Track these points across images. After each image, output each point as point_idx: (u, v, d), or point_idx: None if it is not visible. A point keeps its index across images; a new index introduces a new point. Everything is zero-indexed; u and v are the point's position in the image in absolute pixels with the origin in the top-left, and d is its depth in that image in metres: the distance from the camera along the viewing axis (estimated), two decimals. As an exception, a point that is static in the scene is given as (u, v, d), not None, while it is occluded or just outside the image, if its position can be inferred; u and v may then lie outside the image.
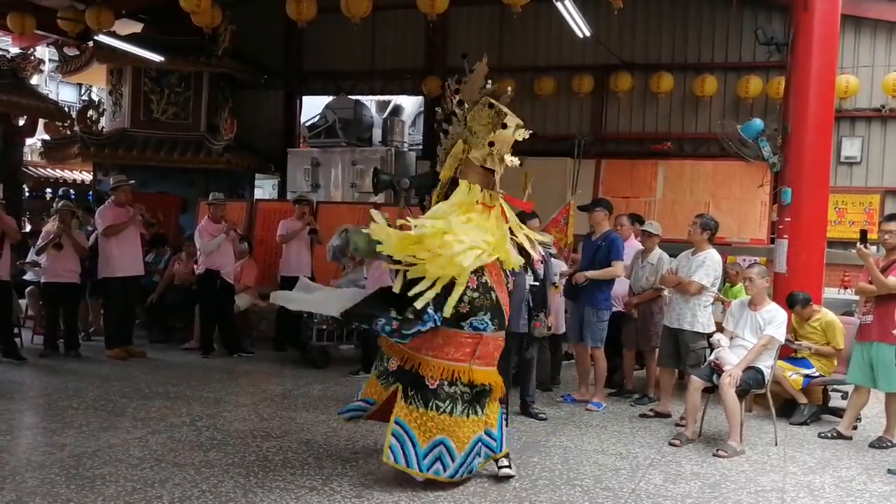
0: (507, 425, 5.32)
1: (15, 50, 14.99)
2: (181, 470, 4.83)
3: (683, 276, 6.50)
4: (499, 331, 4.91)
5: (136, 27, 13.06)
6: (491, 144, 4.90)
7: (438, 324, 4.66)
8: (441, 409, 4.68)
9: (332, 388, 7.43)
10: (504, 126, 4.91)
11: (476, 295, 4.75)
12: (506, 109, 4.91)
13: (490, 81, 4.97)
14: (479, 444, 4.82)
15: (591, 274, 6.89)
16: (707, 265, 6.44)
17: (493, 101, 4.91)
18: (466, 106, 4.99)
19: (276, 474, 4.82)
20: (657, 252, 7.12)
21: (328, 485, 4.68)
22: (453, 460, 4.66)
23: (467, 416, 4.75)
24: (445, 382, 4.72)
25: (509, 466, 4.94)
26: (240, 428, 5.89)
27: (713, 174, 11.36)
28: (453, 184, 5.01)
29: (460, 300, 4.68)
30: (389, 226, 4.70)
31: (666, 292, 7.07)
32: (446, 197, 4.98)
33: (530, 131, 5.04)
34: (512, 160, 4.99)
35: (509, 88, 5.14)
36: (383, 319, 4.64)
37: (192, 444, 5.40)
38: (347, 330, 8.62)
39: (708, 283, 6.42)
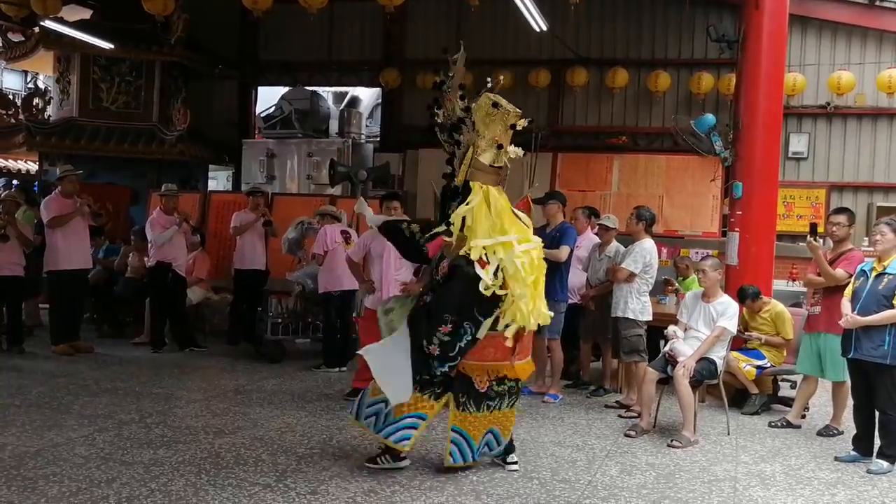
0: None
1: (-44, 35, 14.49)
2: (129, 468, 4.71)
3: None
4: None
5: (85, 13, 12.69)
6: (499, 147, 4.88)
7: (477, 336, 4.69)
8: (492, 408, 4.88)
9: (288, 382, 7.33)
10: (513, 127, 4.92)
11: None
12: (510, 106, 4.88)
13: (490, 78, 4.98)
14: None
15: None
16: (636, 252, 6.61)
17: (496, 100, 4.86)
18: (473, 108, 4.88)
19: (228, 471, 4.74)
20: (614, 245, 7.18)
21: (282, 481, 4.61)
22: (499, 444, 5.00)
23: (510, 408, 5.00)
24: (494, 383, 4.85)
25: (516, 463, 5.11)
26: (191, 424, 5.77)
27: (667, 168, 11.48)
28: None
29: (496, 306, 4.71)
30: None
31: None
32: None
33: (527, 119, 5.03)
34: (516, 151, 4.99)
35: (501, 78, 5.20)
36: (435, 362, 4.69)
37: (141, 442, 5.27)
38: (303, 324, 8.54)
39: (636, 269, 6.56)
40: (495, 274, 4.65)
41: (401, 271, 6.53)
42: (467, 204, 4.79)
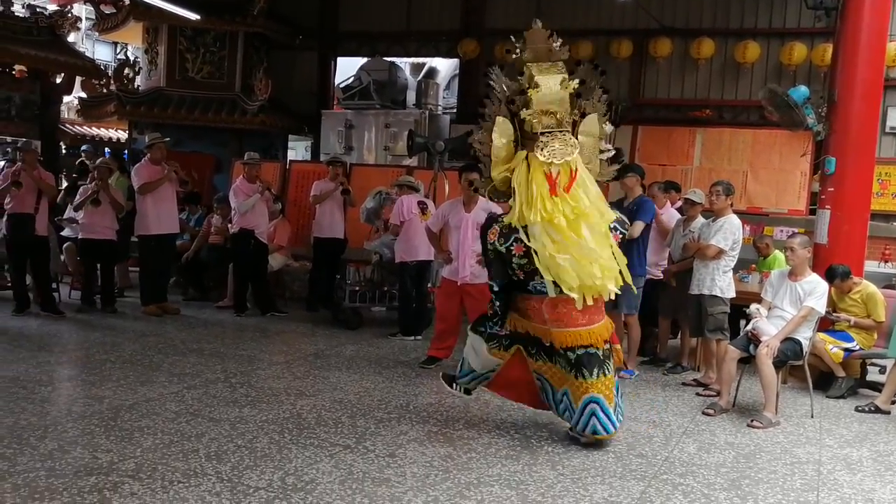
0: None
1: (52, 7, 15.03)
2: (216, 425, 4.89)
3: (703, 242, 6.50)
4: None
5: (173, -15, 13.00)
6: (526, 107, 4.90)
7: (497, 289, 5.03)
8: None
9: (365, 349, 7.46)
10: (537, 86, 4.90)
11: (524, 261, 4.81)
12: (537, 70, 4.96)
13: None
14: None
15: None
16: (725, 229, 6.41)
17: (527, 64, 5.01)
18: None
19: (310, 432, 4.87)
20: (699, 220, 7.00)
21: (362, 443, 4.71)
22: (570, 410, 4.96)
23: (582, 378, 4.83)
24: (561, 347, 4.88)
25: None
26: (273, 386, 5.95)
27: (752, 143, 11.10)
28: None
29: (512, 268, 4.89)
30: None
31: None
32: None
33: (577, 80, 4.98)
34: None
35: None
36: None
37: (227, 401, 5.46)
38: (380, 292, 8.65)
39: (726, 247, 6.38)
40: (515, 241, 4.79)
41: (477, 242, 6.54)
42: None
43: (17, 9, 14.55)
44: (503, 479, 4.27)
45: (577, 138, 4.94)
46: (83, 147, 14.36)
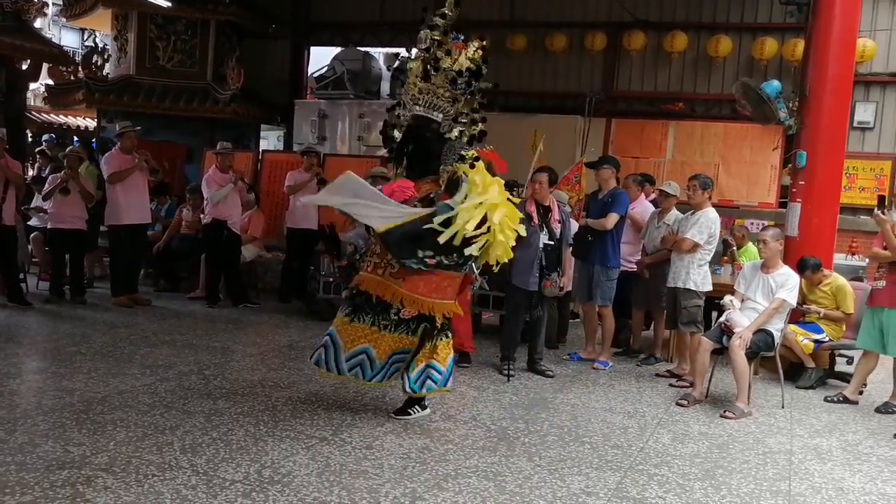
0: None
1: (18, -8, 14.71)
2: (191, 417, 4.84)
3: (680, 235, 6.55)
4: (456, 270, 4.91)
5: (143, -29, 12.81)
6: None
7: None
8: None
9: (339, 340, 7.41)
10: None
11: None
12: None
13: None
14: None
15: (590, 221, 6.97)
16: (701, 222, 6.45)
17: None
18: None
19: (286, 424, 4.83)
20: (674, 213, 7.06)
21: (338, 435, 4.69)
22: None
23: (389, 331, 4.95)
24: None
25: (410, 414, 5.10)
26: (248, 378, 5.90)
27: (724, 136, 11.25)
28: None
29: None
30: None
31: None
32: None
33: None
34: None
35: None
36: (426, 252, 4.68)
37: (201, 393, 5.40)
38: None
39: (701, 241, 6.43)
40: None
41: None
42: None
43: (-18, -7, 14.23)
44: (480, 470, 4.27)
45: None
46: (44, 137, 14.13)
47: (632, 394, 6.19)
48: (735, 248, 8.73)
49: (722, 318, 6.08)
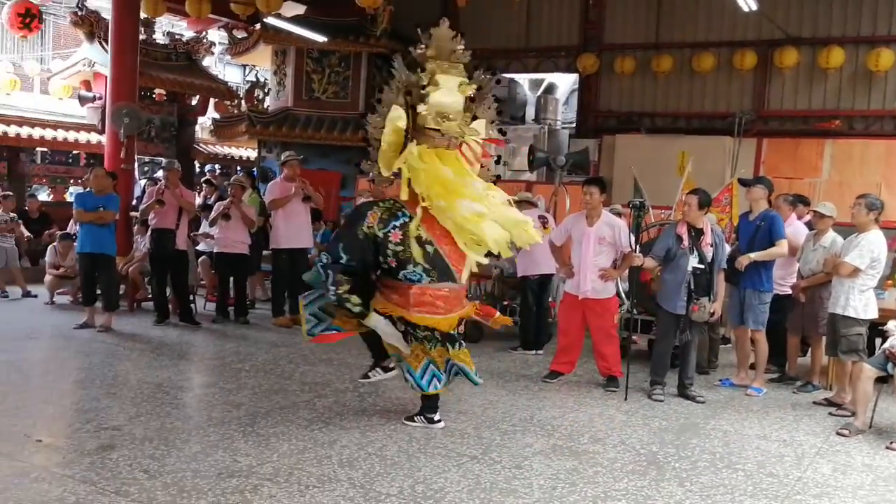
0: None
1: (189, 34, 16.03)
2: (347, 433, 5.10)
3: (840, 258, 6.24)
4: (439, 282, 5.19)
5: (300, 9, 13.58)
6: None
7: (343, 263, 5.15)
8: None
9: (487, 361, 7.54)
10: (437, 84, 5.22)
11: (400, 249, 5.12)
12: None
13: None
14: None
15: (755, 255, 6.66)
16: (862, 246, 6.09)
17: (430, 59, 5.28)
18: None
19: (437, 442, 5.01)
20: (830, 234, 6.76)
21: (488, 454, 4.81)
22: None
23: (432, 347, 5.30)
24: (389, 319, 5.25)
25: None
26: (400, 396, 6.12)
27: (886, 154, 10.65)
28: None
29: (385, 255, 5.14)
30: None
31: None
32: None
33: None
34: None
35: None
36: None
37: (357, 410, 5.68)
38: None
39: (861, 265, 6.06)
40: None
41: (599, 257, 6.57)
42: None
43: (158, 36, 15.60)
44: (630, 493, 4.27)
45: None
46: (207, 167, 15.18)
47: (787, 421, 5.96)
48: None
49: (886, 345, 5.76)
